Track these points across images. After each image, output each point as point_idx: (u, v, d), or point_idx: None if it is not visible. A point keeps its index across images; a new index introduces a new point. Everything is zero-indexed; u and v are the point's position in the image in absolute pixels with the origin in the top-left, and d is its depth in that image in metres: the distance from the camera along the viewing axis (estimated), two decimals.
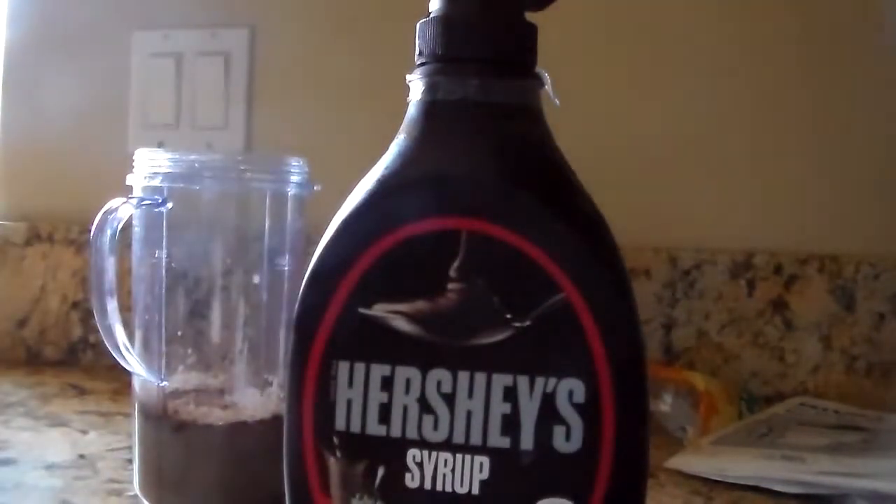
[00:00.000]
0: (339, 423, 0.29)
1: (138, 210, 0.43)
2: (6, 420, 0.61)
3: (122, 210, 0.41)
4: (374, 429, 0.29)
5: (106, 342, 0.41)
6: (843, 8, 0.72)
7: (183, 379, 0.44)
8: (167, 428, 0.43)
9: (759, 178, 0.74)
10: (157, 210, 0.43)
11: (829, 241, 0.72)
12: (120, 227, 0.41)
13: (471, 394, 0.28)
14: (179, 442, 0.43)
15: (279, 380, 0.45)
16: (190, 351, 0.44)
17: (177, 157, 0.43)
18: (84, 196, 0.56)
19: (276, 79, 0.81)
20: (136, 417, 0.44)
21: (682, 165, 0.74)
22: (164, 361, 0.44)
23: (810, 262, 0.71)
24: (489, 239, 0.28)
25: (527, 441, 0.28)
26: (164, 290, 0.43)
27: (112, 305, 0.41)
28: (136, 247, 0.45)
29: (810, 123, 0.73)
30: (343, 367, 0.29)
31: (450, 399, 0.28)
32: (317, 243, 0.30)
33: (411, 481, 0.28)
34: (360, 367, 0.29)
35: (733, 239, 0.73)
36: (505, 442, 0.28)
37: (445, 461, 0.28)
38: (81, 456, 0.53)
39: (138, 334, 0.44)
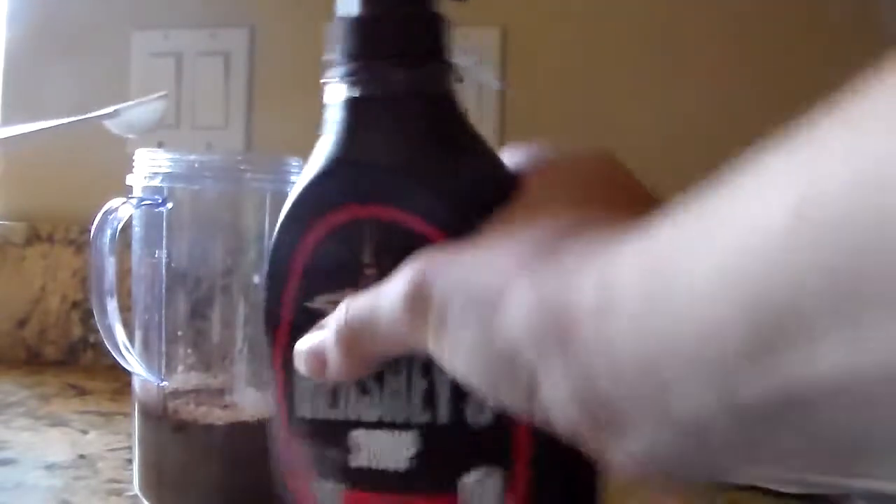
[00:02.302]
0: (300, 411, 0.31)
1: (138, 210, 0.43)
2: (6, 420, 0.61)
3: (122, 210, 0.41)
4: (325, 413, 0.30)
5: (106, 342, 0.41)
6: (844, 7, 0.72)
7: (183, 379, 0.44)
8: (167, 428, 0.43)
9: None
10: (157, 210, 0.43)
11: None
12: (120, 227, 0.41)
13: (396, 371, 0.29)
14: (179, 442, 0.43)
15: None
16: (190, 351, 0.44)
17: (177, 157, 0.43)
18: (84, 196, 0.56)
19: (276, 79, 0.81)
20: (136, 417, 0.44)
21: (682, 165, 0.74)
22: (164, 361, 0.44)
23: None
24: (394, 224, 0.29)
25: (444, 415, 0.28)
26: (164, 290, 0.43)
27: (112, 305, 0.41)
28: (136, 247, 0.45)
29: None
30: None
31: (379, 378, 0.29)
32: None
33: (356, 461, 0.30)
34: None
35: None
36: (426, 417, 0.29)
37: (380, 439, 0.29)
38: (81, 456, 0.53)
39: (138, 334, 0.44)
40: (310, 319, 0.30)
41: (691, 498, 0.50)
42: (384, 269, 0.28)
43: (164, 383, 0.43)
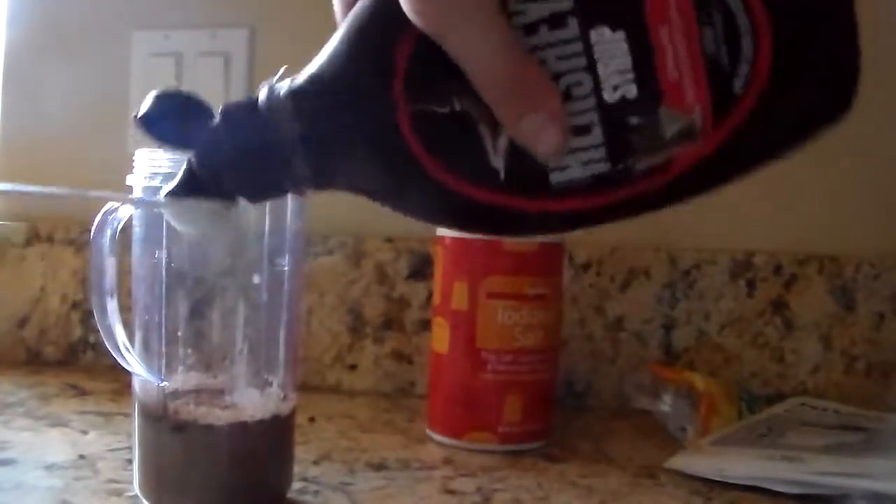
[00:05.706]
0: None
1: (138, 210, 0.43)
2: (6, 420, 0.61)
3: (122, 210, 0.41)
4: None
5: (106, 342, 0.41)
6: None
7: (183, 379, 0.45)
8: (167, 428, 0.43)
9: (759, 178, 0.73)
10: (157, 210, 0.43)
11: (829, 241, 0.72)
12: (120, 227, 0.41)
13: None
14: (179, 442, 0.43)
15: (279, 380, 0.45)
16: (190, 351, 0.45)
17: (177, 157, 0.43)
18: None
19: None
20: (136, 417, 0.45)
21: None
22: (164, 361, 0.44)
23: (810, 262, 0.71)
24: None
25: None
26: (164, 290, 0.43)
27: (112, 305, 0.41)
28: (136, 247, 0.45)
29: None
30: None
31: None
32: (317, 244, 0.30)
33: None
34: None
35: (733, 239, 0.73)
36: None
37: None
38: (81, 456, 0.53)
39: (138, 334, 0.44)
40: None
41: (689, 497, 0.50)
42: None
43: (164, 383, 0.43)
